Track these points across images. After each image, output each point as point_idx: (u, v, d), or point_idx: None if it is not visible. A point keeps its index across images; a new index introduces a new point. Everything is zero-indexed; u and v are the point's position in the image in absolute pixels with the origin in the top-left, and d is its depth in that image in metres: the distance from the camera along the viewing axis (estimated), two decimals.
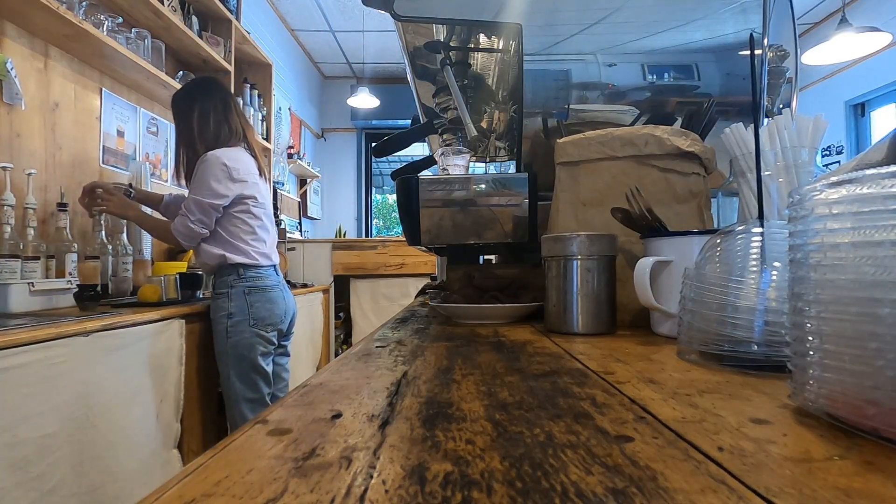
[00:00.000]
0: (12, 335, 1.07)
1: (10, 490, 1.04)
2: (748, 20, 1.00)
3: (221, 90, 1.90)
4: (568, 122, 1.03)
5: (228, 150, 1.77)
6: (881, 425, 0.26)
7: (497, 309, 0.82)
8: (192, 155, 1.81)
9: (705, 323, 0.46)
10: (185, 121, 1.82)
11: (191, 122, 1.80)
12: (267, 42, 3.96)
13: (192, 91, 1.87)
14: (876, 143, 0.53)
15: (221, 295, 1.77)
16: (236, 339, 1.74)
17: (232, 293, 1.76)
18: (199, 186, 1.71)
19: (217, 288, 1.79)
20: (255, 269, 1.80)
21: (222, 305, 1.75)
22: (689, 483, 0.22)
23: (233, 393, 1.75)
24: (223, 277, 1.77)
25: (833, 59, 3.15)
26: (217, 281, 1.80)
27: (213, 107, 1.82)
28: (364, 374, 0.46)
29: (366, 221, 5.89)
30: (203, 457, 0.27)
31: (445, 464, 0.25)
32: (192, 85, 1.93)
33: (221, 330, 1.75)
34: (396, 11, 1.04)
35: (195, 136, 1.80)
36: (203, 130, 1.81)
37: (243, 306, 1.76)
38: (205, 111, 1.81)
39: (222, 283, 1.77)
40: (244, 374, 1.76)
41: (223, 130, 1.83)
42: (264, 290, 1.81)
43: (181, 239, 1.74)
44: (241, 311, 1.75)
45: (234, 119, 1.87)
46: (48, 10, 1.60)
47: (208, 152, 1.74)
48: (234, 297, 1.75)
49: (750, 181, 0.72)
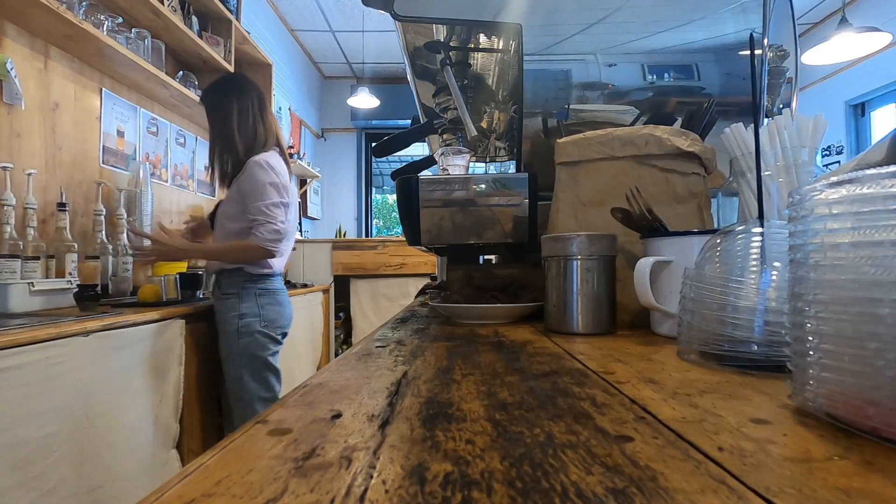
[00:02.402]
0: (12, 335, 1.07)
1: (10, 490, 1.04)
2: (748, 20, 1.00)
3: (256, 87, 1.85)
4: (568, 122, 1.03)
5: (269, 156, 1.74)
6: (881, 425, 0.26)
7: (497, 309, 0.82)
8: (231, 156, 1.75)
9: (705, 323, 0.46)
10: (224, 120, 1.75)
11: (230, 121, 1.74)
12: (267, 42, 3.96)
13: (227, 88, 1.80)
14: (876, 143, 0.53)
15: (231, 296, 1.73)
16: (248, 339, 1.71)
17: (243, 294, 1.73)
18: (261, 191, 1.67)
19: (226, 288, 1.75)
20: (270, 276, 1.80)
21: (233, 306, 1.72)
22: (689, 483, 0.22)
23: (246, 394, 1.73)
24: (233, 279, 1.74)
25: (833, 59, 3.15)
26: (225, 281, 1.75)
27: (250, 104, 1.77)
28: (364, 374, 0.46)
29: (366, 221, 5.88)
30: (203, 457, 0.27)
31: (445, 464, 0.25)
32: (227, 82, 1.86)
33: (232, 331, 1.71)
34: (396, 11, 1.04)
35: (235, 137, 1.74)
36: (242, 130, 1.75)
37: (255, 308, 1.73)
38: (243, 109, 1.75)
39: (232, 284, 1.74)
40: (258, 373, 1.73)
41: (260, 130, 1.78)
42: (273, 293, 1.80)
43: (269, 246, 1.67)
44: (252, 312, 1.73)
45: (269, 118, 1.82)
46: (48, 10, 1.60)
47: (254, 157, 1.70)
48: (246, 299, 1.73)
49: (750, 181, 0.72)
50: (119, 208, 2.07)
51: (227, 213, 1.77)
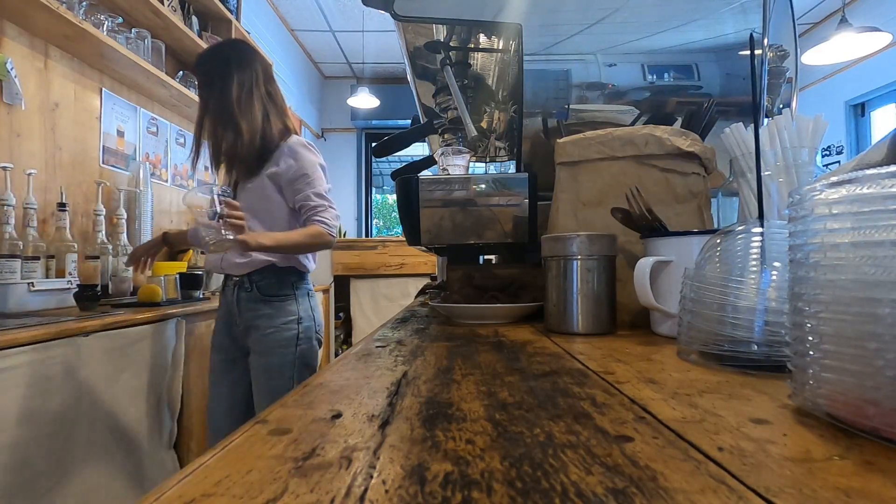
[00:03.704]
0: (12, 335, 1.07)
1: (10, 490, 1.04)
2: (748, 20, 1.00)
3: (262, 58, 1.57)
4: (568, 122, 1.03)
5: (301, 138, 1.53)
6: (881, 425, 0.26)
7: (497, 309, 0.82)
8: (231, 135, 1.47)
9: (705, 323, 0.46)
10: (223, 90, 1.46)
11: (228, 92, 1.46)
12: (267, 42, 3.96)
13: (228, 55, 1.51)
14: (876, 143, 0.53)
15: (286, 298, 1.49)
16: (306, 346, 1.50)
17: (298, 295, 1.51)
18: (318, 174, 1.47)
19: (272, 290, 1.48)
20: (308, 273, 1.60)
21: (289, 310, 1.48)
22: (689, 483, 0.22)
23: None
24: (283, 277, 1.50)
25: (833, 59, 3.15)
26: (270, 281, 1.48)
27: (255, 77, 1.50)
28: (364, 374, 0.46)
29: (366, 221, 5.88)
30: (203, 457, 0.27)
31: (445, 464, 0.25)
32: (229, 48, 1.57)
33: (290, 337, 1.47)
34: (396, 11, 1.04)
35: (234, 111, 1.46)
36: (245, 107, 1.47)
37: (309, 311, 1.53)
38: (244, 81, 1.48)
39: (283, 285, 1.49)
40: None
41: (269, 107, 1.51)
42: (314, 294, 1.60)
43: (333, 232, 1.48)
44: (308, 316, 1.52)
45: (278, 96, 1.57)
46: (48, 10, 1.60)
47: (294, 138, 1.49)
48: (301, 301, 1.51)
49: (750, 181, 0.72)
50: (119, 208, 2.07)
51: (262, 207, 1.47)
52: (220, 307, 1.59)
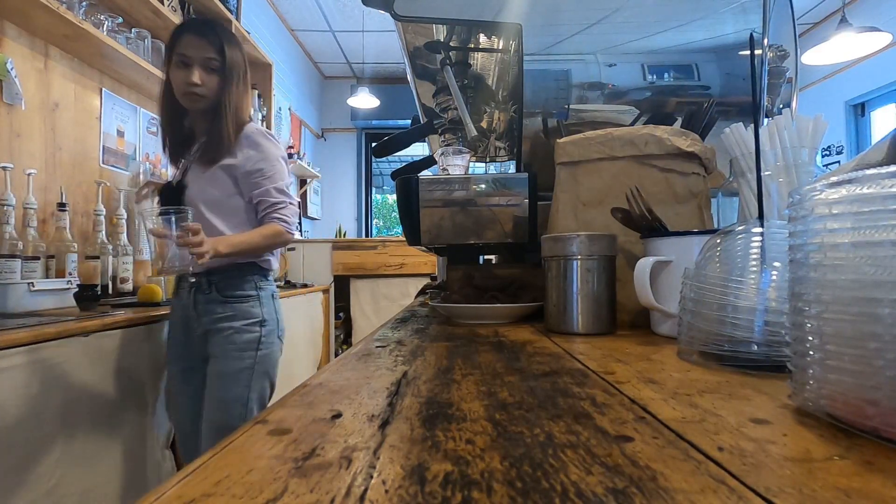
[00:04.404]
0: (12, 335, 1.07)
1: (10, 490, 1.04)
2: (748, 20, 1.00)
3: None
4: (568, 122, 1.03)
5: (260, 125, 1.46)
6: (881, 425, 0.26)
7: (497, 309, 0.82)
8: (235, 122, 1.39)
9: (705, 323, 0.46)
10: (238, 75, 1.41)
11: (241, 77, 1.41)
12: (267, 42, 3.96)
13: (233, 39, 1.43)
14: (876, 143, 0.53)
15: (248, 299, 1.39)
16: (267, 351, 1.40)
17: (262, 297, 1.42)
18: (280, 167, 1.40)
19: (234, 290, 1.39)
20: (271, 272, 1.51)
21: (251, 311, 1.39)
22: (689, 483, 0.22)
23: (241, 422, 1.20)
24: (245, 277, 1.41)
25: (833, 59, 3.15)
26: (233, 281, 1.39)
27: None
28: (364, 374, 0.46)
29: (366, 221, 5.88)
30: (203, 457, 0.27)
31: (445, 464, 0.25)
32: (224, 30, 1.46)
33: (251, 340, 1.38)
34: (396, 11, 1.04)
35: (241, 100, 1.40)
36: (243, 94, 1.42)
37: (273, 313, 1.44)
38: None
39: (244, 284, 1.40)
40: (263, 396, 1.41)
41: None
42: (278, 297, 1.52)
43: (292, 230, 1.42)
44: (272, 319, 1.43)
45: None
46: (48, 10, 1.60)
47: (253, 125, 1.42)
48: (265, 302, 1.42)
49: (750, 181, 0.72)
50: (119, 208, 2.07)
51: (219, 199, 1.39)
52: (172, 312, 1.48)
